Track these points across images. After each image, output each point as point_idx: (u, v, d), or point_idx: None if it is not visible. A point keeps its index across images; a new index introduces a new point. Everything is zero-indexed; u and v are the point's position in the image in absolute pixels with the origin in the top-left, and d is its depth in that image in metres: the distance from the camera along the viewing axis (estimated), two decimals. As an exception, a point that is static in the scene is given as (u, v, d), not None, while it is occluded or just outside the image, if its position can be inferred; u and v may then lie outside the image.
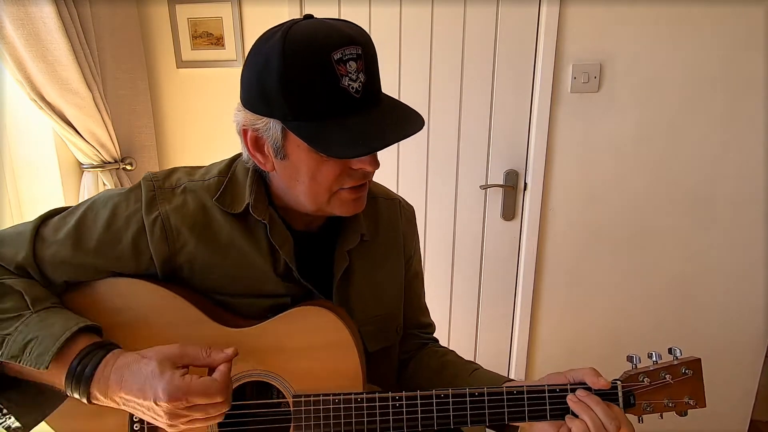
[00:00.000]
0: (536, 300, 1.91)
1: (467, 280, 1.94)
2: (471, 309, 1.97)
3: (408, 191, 1.89)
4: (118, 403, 0.67)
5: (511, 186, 1.82)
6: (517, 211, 1.85)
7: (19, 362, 0.66)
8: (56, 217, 0.78)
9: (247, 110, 0.72)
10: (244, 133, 0.73)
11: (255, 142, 0.73)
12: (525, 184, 1.81)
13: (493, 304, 1.95)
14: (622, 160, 1.73)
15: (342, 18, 0.72)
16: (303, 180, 0.73)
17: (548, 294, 1.90)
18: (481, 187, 1.84)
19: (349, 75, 0.65)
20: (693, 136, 1.68)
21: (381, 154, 0.73)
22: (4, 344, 0.67)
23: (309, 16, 0.70)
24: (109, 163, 1.76)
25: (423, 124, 0.70)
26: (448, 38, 1.73)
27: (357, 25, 0.70)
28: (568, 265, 1.85)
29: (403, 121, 0.70)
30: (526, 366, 1.97)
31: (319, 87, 0.65)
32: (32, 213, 1.76)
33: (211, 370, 0.68)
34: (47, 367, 0.66)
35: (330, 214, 0.79)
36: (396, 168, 1.87)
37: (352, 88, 0.66)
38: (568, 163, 1.76)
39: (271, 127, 0.70)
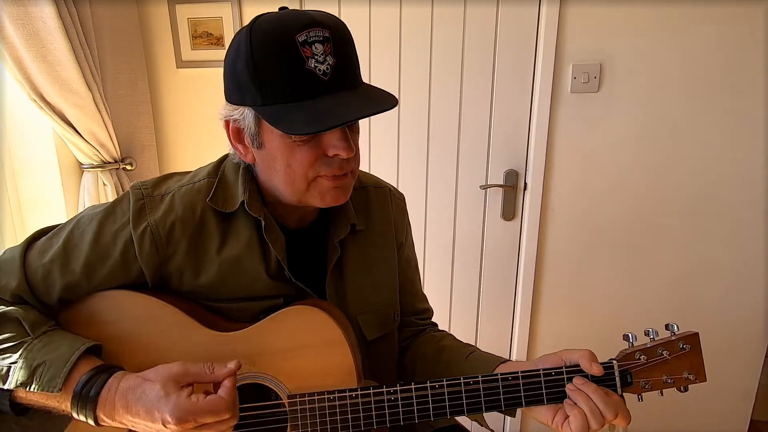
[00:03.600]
0: (536, 300, 1.91)
1: (467, 279, 1.94)
2: (471, 309, 1.97)
3: (408, 191, 1.88)
4: (126, 425, 0.68)
5: (511, 186, 1.82)
6: (517, 211, 1.85)
7: (30, 388, 0.67)
8: (42, 239, 0.78)
9: (227, 102, 0.73)
10: (226, 125, 0.74)
11: (236, 134, 0.74)
12: (525, 184, 1.81)
13: (493, 304, 1.95)
14: (622, 160, 1.73)
15: (342, 18, 0.71)
16: (279, 168, 0.72)
17: (548, 294, 1.90)
18: (481, 187, 1.84)
19: (316, 57, 0.65)
20: (693, 136, 1.68)
21: (380, 155, 0.72)
22: (11, 372, 0.69)
23: (283, 8, 0.70)
24: (109, 163, 1.76)
25: (393, 104, 0.68)
26: (448, 38, 1.73)
27: (331, 14, 0.69)
28: (568, 265, 1.85)
29: (373, 102, 0.69)
30: (526, 366, 1.97)
31: (285, 69, 0.65)
32: (32, 213, 1.76)
33: (216, 385, 0.69)
34: (60, 390, 0.67)
35: (312, 205, 0.77)
36: (396, 168, 1.87)
37: (320, 70, 0.65)
38: (568, 163, 1.76)
39: (246, 116, 0.70)
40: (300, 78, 0.65)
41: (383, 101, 0.69)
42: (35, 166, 1.73)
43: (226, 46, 1.80)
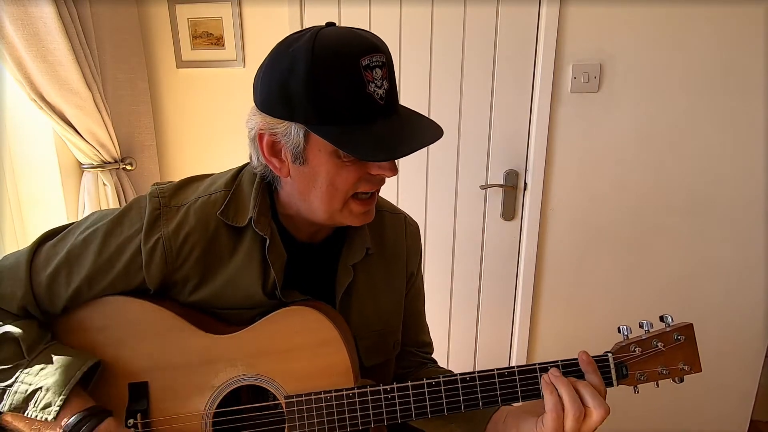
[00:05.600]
0: (536, 300, 1.91)
1: (467, 280, 1.94)
2: (471, 309, 1.97)
3: (408, 191, 1.89)
4: None
5: (511, 186, 1.82)
6: (517, 211, 1.85)
7: (24, 413, 0.68)
8: (47, 245, 0.77)
9: (264, 114, 0.71)
10: (259, 137, 0.72)
11: (271, 147, 0.72)
12: (525, 184, 1.81)
13: (493, 304, 1.95)
14: (622, 160, 1.73)
15: (342, 18, 0.72)
16: (320, 185, 0.72)
17: (548, 294, 1.90)
18: (481, 187, 1.84)
19: (375, 82, 0.66)
20: (693, 136, 1.68)
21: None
22: (6, 396, 0.69)
23: (331, 24, 0.70)
24: (109, 163, 1.76)
25: (442, 133, 0.71)
26: (448, 38, 1.73)
27: (378, 36, 0.71)
28: (568, 265, 1.85)
29: (424, 128, 0.72)
30: (526, 366, 1.97)
31: (347, 92, 0.65)
32: (32, 213, 1.77)
33: None
34: (56, 418, 0.67)
35: (339, 224, 0.78)
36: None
37: (377, 94, 0.67)
38: (568, 163, 1.76)
39: (291, 132, 0.69)
40: (360, 102, 0.66)
41: (433, 127, 0.72)
42: (35, 166, 1.73)
43: (226, 46, 1.83)
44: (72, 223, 0.81)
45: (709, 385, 1.87)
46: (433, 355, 1.04)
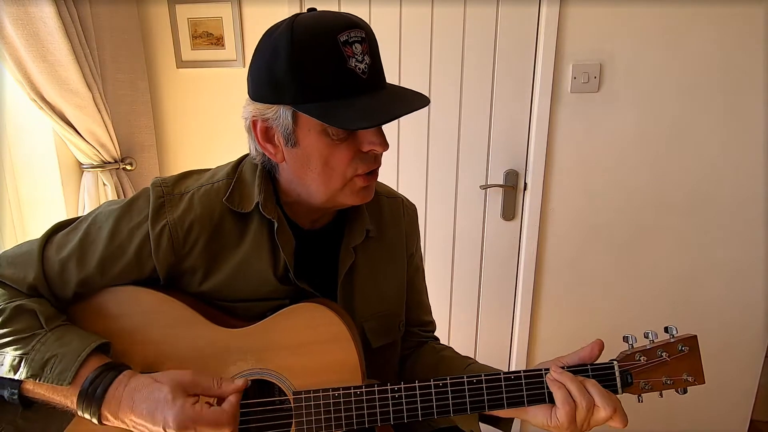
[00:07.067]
0: (536, 300, 1.91)
1: (467, 279, 1.94)
2: (471, 309, 1.97)
3: (408, 191, 1.88)
4: (127, 425, 0.68)
5: (511, 186, 1.82)
6: (517, 211, 1.85)
7: (40, 380, 0.68)
8: (60, 234, 0.79)
9: (255, 102, 0.73)
10: (253, 125, 0.75)
11: (265, 133, 0.75)
12: (525, 184, 1.81)
13: (493, 304, 1.95)
14: (622, 160, 1.73)
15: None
16: (315, 167, 0.74)
17: (548, 294, 1.90)
18: (481, 187, 1.84)
19: (356, 56, 0.68)
20: (693, 136, 1.68)
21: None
22: (23, 363, 0.69)
23: (312, 9, 0.72)
24: (109, 163, 1.76)
25: (428, 101, 0.72)
26: (448, 38, 1.73)
27: (357, 16, 0.72)
28: (568, 265, 1.85)
29: (409, 99, 0.73)
30: (526, 366, 1.97)
31: (328, 68, 0.67)
32: (32, 213, 1.76)
33: (220, 399, 0.69)
34: (70, 384, 0.67)
35: (340, 205, 0.80)
36: (396, 168, 1.87)
37: (359, 69, 0.68)
38: (568, 163, 1.76)
39: (281, 115, 0.71)
40: (342, 76, 0.67)
41: (419, 97, 0.73)
42: (35, 166, 1.73)
43: (226, 46, 1.84)
44: (82, 215, 0.82)
45: (709, 385, 1.85)
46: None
